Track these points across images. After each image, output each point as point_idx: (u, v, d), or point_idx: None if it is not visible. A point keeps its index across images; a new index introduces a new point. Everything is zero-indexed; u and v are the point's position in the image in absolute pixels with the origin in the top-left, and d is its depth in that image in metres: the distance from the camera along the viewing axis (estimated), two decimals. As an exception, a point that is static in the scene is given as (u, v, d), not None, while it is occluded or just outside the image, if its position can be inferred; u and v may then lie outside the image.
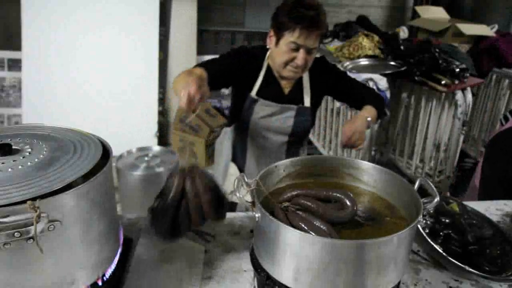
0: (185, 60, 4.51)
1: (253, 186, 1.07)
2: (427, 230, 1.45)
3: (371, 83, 2.99)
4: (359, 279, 0.93)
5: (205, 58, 4.69)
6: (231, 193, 1.85)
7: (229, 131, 1.92)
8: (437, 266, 1.32)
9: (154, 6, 4.08)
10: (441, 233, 1.42)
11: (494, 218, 1.58)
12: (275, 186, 1.22)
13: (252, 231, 1.40)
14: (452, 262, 1.28)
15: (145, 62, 4.16)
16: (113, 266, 1.07)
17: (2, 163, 0.88)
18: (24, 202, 0.76)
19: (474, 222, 1.49)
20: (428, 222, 1.48)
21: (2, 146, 0.92)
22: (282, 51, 1.59)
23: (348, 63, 3.33)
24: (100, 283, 1.02)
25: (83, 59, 4.03)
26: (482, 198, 1.85)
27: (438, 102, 3.30)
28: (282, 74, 1.67)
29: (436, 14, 4.30)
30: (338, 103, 3.46)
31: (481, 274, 1.25)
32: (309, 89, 1.78)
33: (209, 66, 1.55)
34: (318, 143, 4.05)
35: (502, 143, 2.00)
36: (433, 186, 1.12)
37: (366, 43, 3.44)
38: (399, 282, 1.06)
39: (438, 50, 3.16)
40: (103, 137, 1.08)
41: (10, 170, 0.86)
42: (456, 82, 3.04)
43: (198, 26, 4.48)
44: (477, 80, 3.35)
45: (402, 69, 3.17)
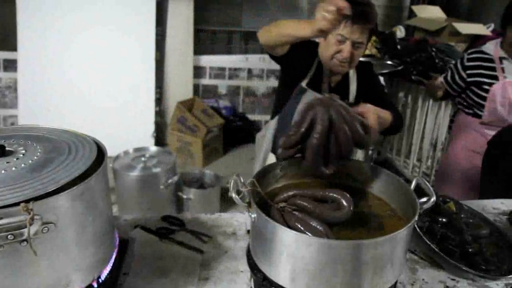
0: (182, 60, 4.50)
1: (249, 186, 1.06)
2: (424, 230, 1.45)
3: (368, 83, 3.00)
4: (356, 280, 0.93)
5: (202, 58, 4.72)
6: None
7: (271, 123, 1.95)
8: (434, 266, 1.32)
9: (150, 5, 4.07)
10: (438, 232, 1.42)
11: (491, 217, 1.58)
12: (272, 186, 1.22)
13: (248, 232, 1.39)
14: (449, 261, 1.28)
15: (141, 62, 4.16)
16: (108, 268, 1.06)
17: (-4, 165, 0.87)
18: (17, 204, 0.75)
19: (471, 221, 1.49)
20: (425, 222, 1.48)
21: (-4, 148, 0.91)
22: (329, 44, 1.64)
23: (345, 63, 3.33)
24: (95, 285, 1.01)
25: (79, 60, 4.02)
26: (483, 195, 1.85)
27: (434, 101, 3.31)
28: (330, 67, 1.72)
29: (432, 14, 4.30)
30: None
31: (478, 273, 1.25)
32: (355, 87, 1.83)
33: None
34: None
35: (504, 140, 2.02)
36: (429, 185, 1.11)
37: (363, 43, 3.44)
38: (396, 282, 1.05)
39: (434, 49, 3.17)
40: (100, 137, 1.07)
41: (3, 172, 0.85)
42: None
43: (195, 25, 4.48)
44: None
45: (399, 68, 3.17)
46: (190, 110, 4.38)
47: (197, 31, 4.59)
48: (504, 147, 1.99)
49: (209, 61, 4.80)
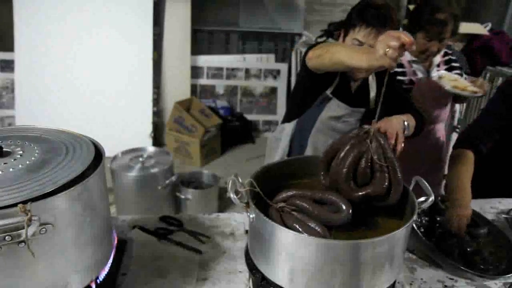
0: (179, 60, 4.50)
1: (247, 186, 1.06)
2: (422, 229, 1.45)
3: (366, 82, 3.00)
4: (355, 280, 0.93)
5: (199, 58, 4.71)
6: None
7: (287, 127, 1.90)
8: (432, 265, 1.32)
9: (147, 6, 4.07)
10: (436, 231, 1.42)
11: (489, 216, 1.58)
12: (270, 186, 1.22)
13: (247, 232, 1.39)
14: (447, 261, 1.28)
15: (139, 62, 4.15)
16: (106, 268, 1.06)
17: (-7, 166, 0.86)
18: (15, 205, 0.75)
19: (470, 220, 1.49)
20: (423, 221, 1.48)
21: (-7, 149, 0.91)
22: None
23: (342, 62, 3.33)
24: (93, 286, 1.01)
25: (76, 60, 4.01)
26: (477, 195, 1.83)
27: (432, 100, 3.31)
28: (349, 72, 1.70)
29: (429, 13, 4.32)
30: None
31: (475, 272, 1.25)
32: (374, 93, 1.79)
33: None
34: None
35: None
36: (427, 185, 1.12)
37: (360, 42, 3.44)
38: (395, 282, 1.05)
39: (432, 48, 3.17)
40: (97, 138, 1.07)
41: (0, 172, 0.85)
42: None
43: (192, 26, 4.47)
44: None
45: (397, 68, 3.17)
46: (187, 110, 4.38)
47: (194, 31, 4.59)
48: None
49: (206, 61, 4.79)
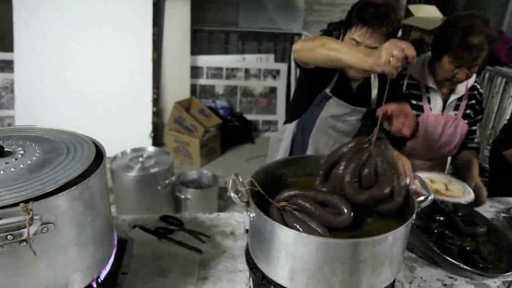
0: (179, 60, 4.50)
1: (247, 186, 1.07)
2: (422, 228, 1.45)
3: (365, 82, 3.00)
4: (354, 278, 0.93)
5: (199, 58, 4.71)
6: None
7: (289, 127, 1.90)
8: (431, 264, 1.33)
9: (147, 6, 4.07)
10: (435, 230, 1.42)
11: (489, 216, 1.59)
12: (270, 186, 1.22)
13: (247, 231, 1.40)
14: (446, 260, 1.28)
15: (138, 62, 4.15)
16: (107, 268, 1.06)
17: (-6, 166, 0.87)
18: (16, 204, 0.75)
19: (468, 218, 1.49)
20: (422, 220, 1.48)
21: (-6, 149, 0.91)
22: None
23: (342, 62, 3.34)
24: (94, 285, 1.01)
25: (76, 60, 4.01)
26: (492, 194, 1.84)
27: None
28: (347, 72, 1.69)
29: (429, 13, 4.32)
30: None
31: (475, 271, 1.25)
32: (376, 92, 1.78)
33: None
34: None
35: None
36: (426, 184, 1.12)
37: (360, 42, 3.45)
38: (394, 280, 1.06)
39: (431, 48, 3.17)
40: (97, 138, 1.07)
41: (2, 172, 0.85)
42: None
43: (192, 26, 4.48)
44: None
45: (396, 67, 3.18)
46: (187, 110, 4.38)
47: (194, 31, 4.59)
48: (508, 146, 2.00)
49: (206, 61, 4.80)
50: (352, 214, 1.02)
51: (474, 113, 1.92)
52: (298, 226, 0.97)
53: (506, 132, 2.18)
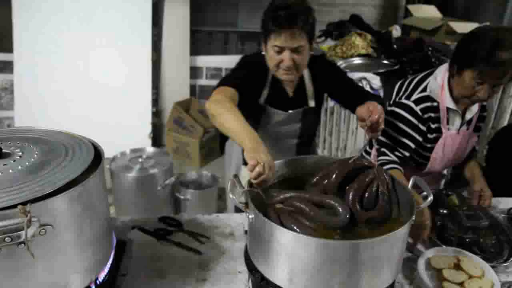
0: (178, 60, 4.49)
1: (246, 187, 1.07)
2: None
3: (364, 82, 3.00)
4: (354, 280, 0.93)
5: (198, 58, 4.71)
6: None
7: None
8: (431, 265, 1.32)
9: (146, 6, 4.06)
10: (437, 222, 1.45)
11: (488, 215, 1.59)
12: (268, 187, 1.22)
13: (246, 232, 1.39)
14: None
15: (138, 63, 4.15)
16: (106, 269, 1.06)
17: (-8, 167, 0.87)
18: (14, 206, 0.75)
19: (472, 213, 1.51)
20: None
21: (-8, 150, 0.91)
22: (270, 56, 1.57)
23: (341, 62, 3.33)
24: (93, 287, 1.01)
25: (75, 61, 4.01)
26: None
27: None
28: (279, 77, 1.65)
29: (428, 13, 4.31)
30: (332, 103, 3.46)
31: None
32: (312, 88, 1.77)
33: (235, 84, 1.52)
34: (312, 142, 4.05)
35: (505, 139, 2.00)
36: (426, 184, 1.12)
37: (359, 42, 3.44)
38: (394, 282, 1.06)
39: (430, 48, 3.17)
40: (96, 139, 1.07)
41: (0, 174, 0.85)
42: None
43: (191, 26, 4.47)
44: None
45: (395, 67, 3.17)
46: (187, 111, 4.37)
47: (193, 32, 4.59)
48: (503, 146, 2.00)
49: (205, 61, 4.79)
50: (348, 215, 1.02)
51: (482, 122, 1.83)
52: (295, 227, 0.97)
53: (504, 132, 2.16)
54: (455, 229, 1.43)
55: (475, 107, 1.71)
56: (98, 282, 1.03)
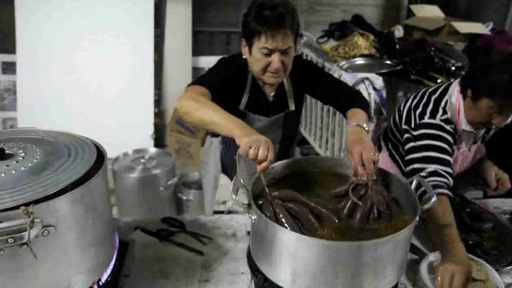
0: (180, 61, 4.50)
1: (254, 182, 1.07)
2: (426, 222, 1.46)
3: (367, 82, 2.99)
4: (357, 281, 0.93)
5: (200, 59, 4.71)
6: (224, 202, 1.79)
7: (215, 142, 1.84)
8: (435, 266, 1.32)
9: (148, 7, 4.07)
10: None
11: (491, 217, 1.58)
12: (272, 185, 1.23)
13: (248, 233, 1.39)
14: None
15: (140, 64, 4.15)
16: (109, 270, 1.06)
17: (-5, 168, 0.87)
18: (17, 207, 0.75)
19: (476, 215, 1.50)
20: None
21: (-5, 151, 0.91)
22: (256, 59, 1.49)
23: (343, 63, 3.32)
24: (96, 288, 1.01)
25: (78, 61, 4.01)
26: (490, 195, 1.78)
27: (434, 100, 3.29)
28: (265, 81, 1.57)
29: (431, 13, 4.30)
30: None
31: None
32: (292, 91, 1.69)
33: (208, 84, 1.46)
34: (314, 143, 4.04)
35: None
36: (429, 185, 1.11)
37: (362, 43, 3.43)
38: (397, 283, 1.05)
39: (433, 48, 3.16)
40: (99, 139, 1.07)
41: (3, 175, 0.85)
42: (452, 80, 3.04)
43: (193, 27, 4.47)
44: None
45: (398, 68, 3.16)
46: (189, 111, 4.38)
47: (195, 32, 4.59)
48: (500, 146, 1.98)
49: (207, 62, 4.78)
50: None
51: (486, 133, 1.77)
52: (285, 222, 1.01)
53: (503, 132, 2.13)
54: (458, 231, 1.42)
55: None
56: (100, 283, 1.03)
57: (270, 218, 0.99)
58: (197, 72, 4.74)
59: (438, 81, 3.02)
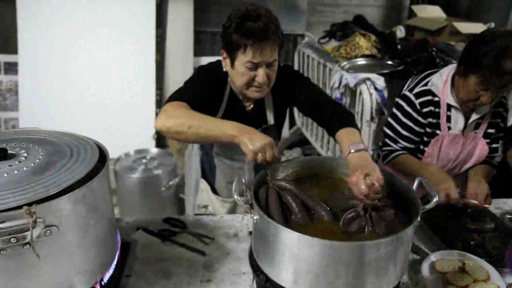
0: (182, 61, 4.50)
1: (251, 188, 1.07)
2: (429, 223, 1.46)
3: (369, 83, 2.99)
4: (359, 281, 0.93)
5: (202, 59, 4.71)
6: (205, 207, 1.80)
7: (195, 147, 1.80)
8: (436, 266, 1.32)
9: (150, 8, 4.07)
10: (441, 225, 1.44)
11: (493, 217, 1.58)
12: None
13: (250, 233, 1.39)
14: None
15: (142, 64, 4.15)
16: (111, 270, 1.06)
17: (-2, 168, 0.87)
18: (20, 207, 0.75)
19: (477, 216, 1.50)
20: (430, 215, 1.48)
21: (-2, 151, 0.91)
22: (240, 73, 1.41)
23: (345, 63, 3.32)
24: (98, 288, 1.01)
25: (80, 62, 4.02)
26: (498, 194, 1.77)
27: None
28: (247, 96, 1.49)
29: (432, 13, 4.30)
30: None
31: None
32: (271, 104, 1.61)
33: (187, 98, 1.39)
34: (316, 144, 4.05)
35: None
36: (431, 186, 1.11)
37: (363, 43, 3.43)
38: (399, 283, 1.05)
39: (435, 49, 3.16)
40: (101, 140, 1.08)
41: (5, 175, 0.85)
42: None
43: (195, 27, 4.48)
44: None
45: (399, 68, 3.16)
46: (190, 112, 4.38)
47: (197, 33, 4.59)
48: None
49: (209, 62, 4.80)
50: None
51: (497, 131, 1.73)
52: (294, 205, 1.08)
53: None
54: (460, 232, 1.43)
55: (483, 110, 1.66)
56: (102, 283, 1.03)
57: (261, 202, 1.07)
58: (198, 72, 4.74)
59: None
